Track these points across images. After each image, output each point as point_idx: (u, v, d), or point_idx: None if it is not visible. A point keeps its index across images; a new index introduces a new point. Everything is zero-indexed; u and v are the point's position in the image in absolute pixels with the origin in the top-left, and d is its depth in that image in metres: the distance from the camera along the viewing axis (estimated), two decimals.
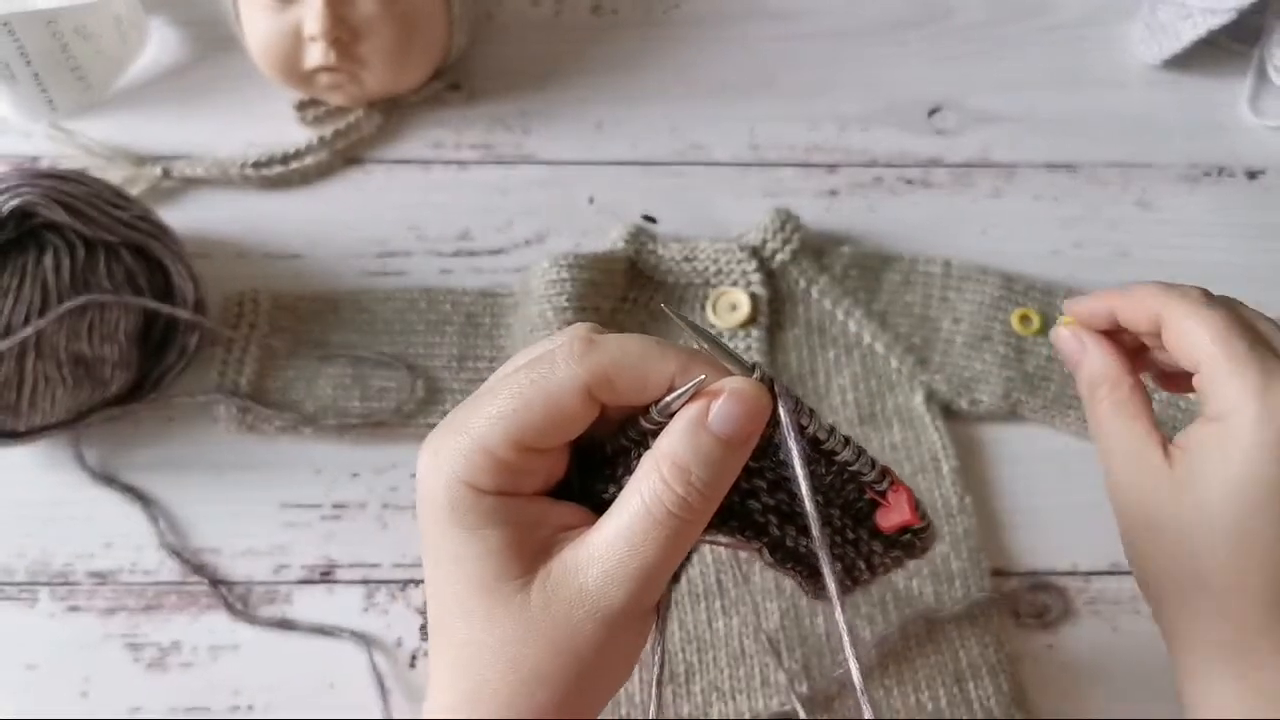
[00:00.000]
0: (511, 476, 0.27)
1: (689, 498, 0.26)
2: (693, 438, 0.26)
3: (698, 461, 0.26)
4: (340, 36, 0.55)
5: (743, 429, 0.26)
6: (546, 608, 0.27)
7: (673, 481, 0.26)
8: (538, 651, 0.27)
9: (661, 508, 0.26)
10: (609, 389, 0.27)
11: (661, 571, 0.27)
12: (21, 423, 0.48)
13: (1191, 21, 0.62)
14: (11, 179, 0.48)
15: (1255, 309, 0.36)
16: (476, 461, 0.27)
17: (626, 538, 0.26)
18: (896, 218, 0.59)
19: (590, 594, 0.27)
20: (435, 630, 0.29)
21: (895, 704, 0.46)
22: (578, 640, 0.27)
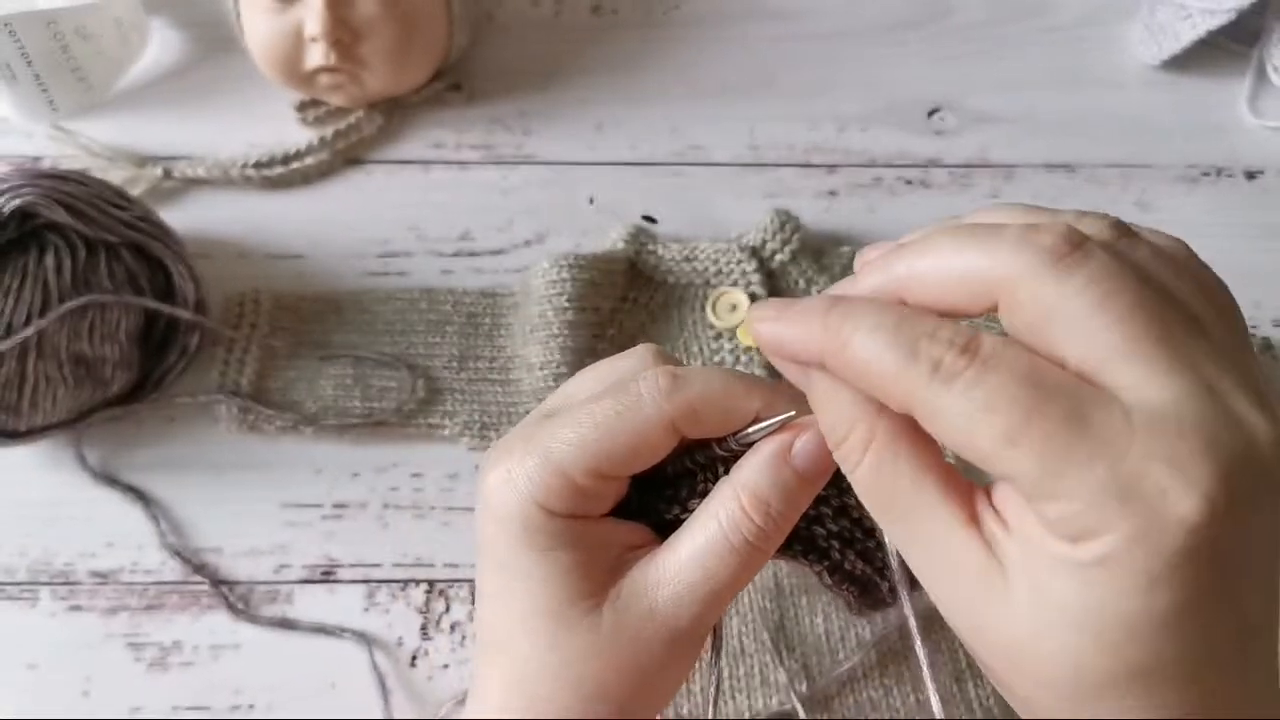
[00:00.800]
0: (584, 501, 0.28)
1: (766, 528, 0.27)
2: (775, 472, 0.27)
3: (777, 494, 0.27)
4: (341, 37, 0.55)
5: (824, 466, 0.27)
6: (615, 628, 0.27)
7: (752, 512, 0.27)
8: (603, 670, 0.28)
9: (740, 536, 0.27)
10: (693, 424, 0.28)
11: (729, 595, 0.28)
12: (23, 422, 0.48)
13: (1191, 22, 0.62)
14: (13, 179, 0.48)
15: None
16: (553, 485, 0.27)
17: (700, 562, 0.27)
18: (896, 218, 0.59)
19: (659, 614, 0.27)
20: (492, 647, 0.29)
21: (895, 703, 0.46)
22: (643, 659, 0.28)
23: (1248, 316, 0.59)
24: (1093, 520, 0.20)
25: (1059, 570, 0.20)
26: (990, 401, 0.21)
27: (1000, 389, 0.21)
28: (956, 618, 0.23)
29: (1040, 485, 0.20)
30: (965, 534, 0.22)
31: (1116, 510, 0.19)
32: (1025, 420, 0.20)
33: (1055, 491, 0.20)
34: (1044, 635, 0.21)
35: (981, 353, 0.21)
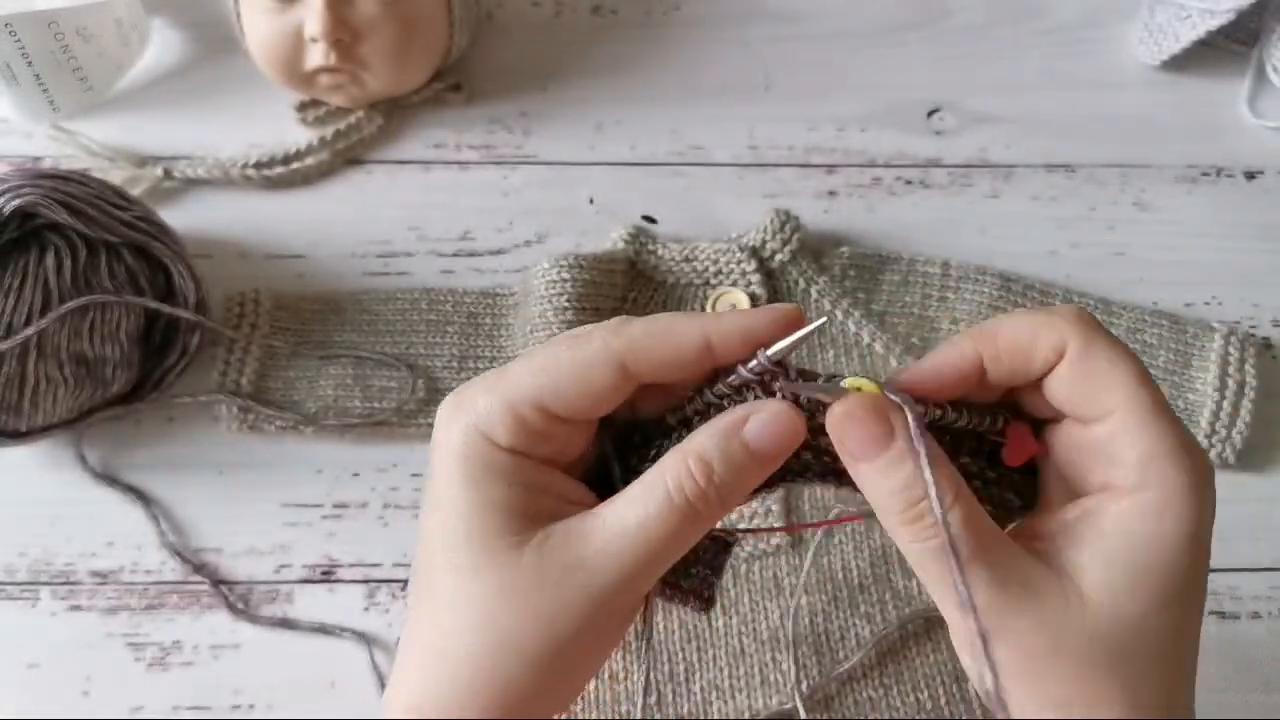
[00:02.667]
0: (528, 438, 0.27)
1: (707, 491, 0.27)
2: (725, 441, 0.27)
3: (723, 462, 0.27)
4: (341, 38, 0.55)
5: (772, 449, 0.27)
6: (536, 570, 0.27)
7: (696, 473, 0.27)
8: (516, 613, 0.27)
9: (681, 494, 0.27)
10: (643, 360, 0.27)
11: (660, 559, 0.27)
12: (23, 422, 0.48)
13: (1190, 22, 0.62)
14: (13, 179, 0.48)
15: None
16: (497, 415, 0.27)
17: (638, 517, 0.27)
18: (895, 218, 0.60)
19: (585, 565, 0.27)
20: (416, 579, 0.29)
21: (894, 703, 0.46)
22: (560, 611, 0.27)
23: (1247, 316, 0.60)
24: (1163, 471, 0.26)
25: (1129, 523, 0.26)
26: (1127, 348, 0.28)
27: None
28: (1031, 639, 0.26)
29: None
30: (1033, 560, 0.27)
31: (1181, 465, 0.26)
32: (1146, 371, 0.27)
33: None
34: (1117, 596, 0.26)
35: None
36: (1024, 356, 0.28)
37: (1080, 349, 0.27)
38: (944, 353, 0.28)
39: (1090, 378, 0.27)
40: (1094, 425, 0.27)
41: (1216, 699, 0.47)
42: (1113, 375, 0.27)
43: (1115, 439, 0.27)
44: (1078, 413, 0.28)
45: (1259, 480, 0.52)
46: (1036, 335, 0.27)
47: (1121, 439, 0.27)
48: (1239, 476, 0.52)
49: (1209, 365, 0.53)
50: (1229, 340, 0.53)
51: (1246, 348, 0.53)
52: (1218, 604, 0.49)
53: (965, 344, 0.28)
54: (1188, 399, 0.53)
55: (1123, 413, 0.27)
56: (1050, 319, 0.28)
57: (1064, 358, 0.27)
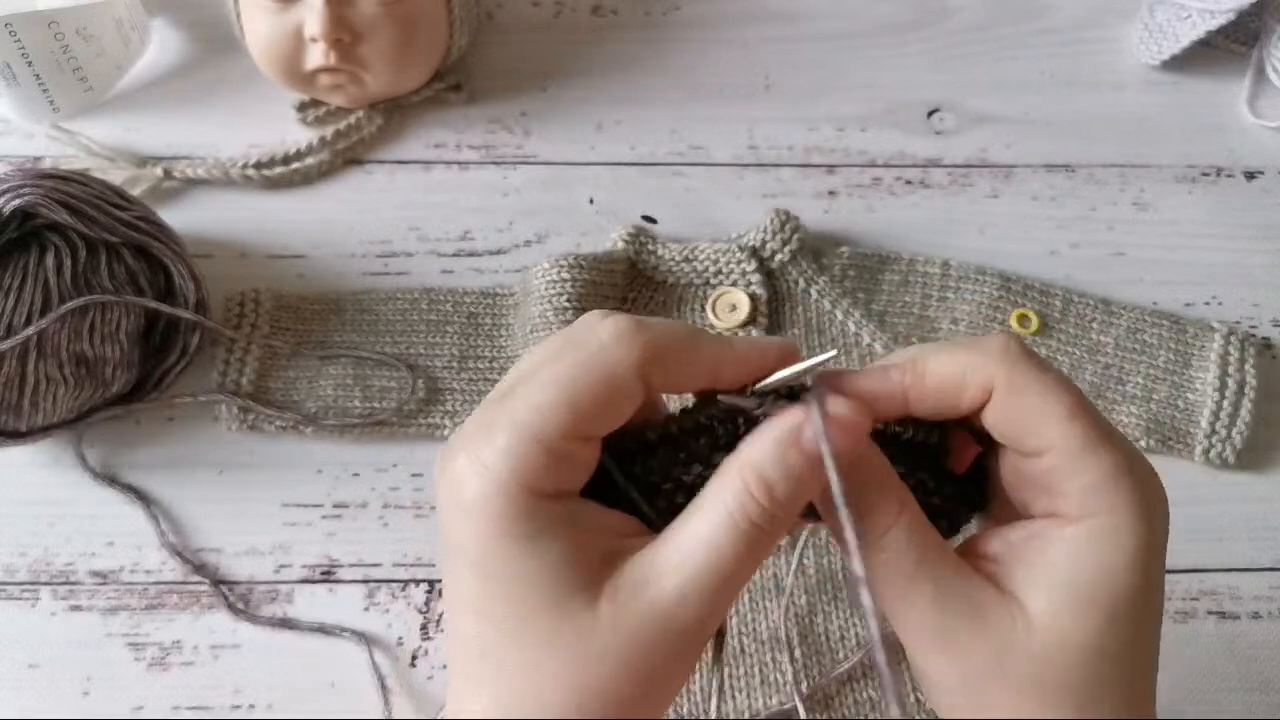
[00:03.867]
0: (564, 472, 0.25)
1: (773, 511, 0.25)
2: (782, 453, 0.25)
3: (783, 477, 0.25)
4: (341, 38, 0.55)
5: (844, 451, 0.25)
6: (616, 627, 0.25)
7: (759, 494, 0.25)
8: (607, 673, 0.25)
9: (746, 519, 0.25)
10: (660, 369, 0.26)
11: (737, 585, 0.26)
12: (23, 422, 0.48)
13: (1190, 23, 0.62)
14: (13, 179, 0.48)
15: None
16: (532, 458, 0.24)
17: (707, 547, 0.25)
18: (895, 218, 0.60)
19: (665, 608, 0.25)
20: (475, 662, 0.26)
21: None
22: (648, 660, 0.25)
23: (1247, 316, 0.60)
24: (1106, 498, 0.26)
25: (1075, 551, 0.26)
26: (1059, 378, 0.27)
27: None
28: (976, 658, 0.26)
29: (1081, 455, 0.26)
30: (981, 580, 0.27)
31: (1124, 489, 0.26)
32: (1081, 400, 0.27)
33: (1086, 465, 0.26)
34: (1064, 622, 0.26)
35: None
36: (951, 398, 0.27)
37: (1006, 387, 0.27)
38: (874, 379, 0.28)
39: (1021, 414, 0.27)
40: (1033, 458, 0.27)
41: (1216, 699, 0.47)
42: (1044, 410, 0.26)
43: (1055, 470, 0.26)
44: (1015, 447, 0.27)
45: (1259, 480, 0.52)
46: (963, 377, 0.27)
47: (1061, 472, 0.26)
48: (1239, 476, 0.52)
49: (1209, 365, 0.53)
50: (1229, 340, 0.53)
51: (1246, 348, 0.53)
52: (1218, 604, 0.49)
53: (894, 377, 0.27)
54: (1188, 399, 0.53)
55: (1061, 447, 0.26)
56: (977, 359, 0.27)
57: (992, 396, 0.27)
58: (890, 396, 0.27)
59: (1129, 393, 0.53)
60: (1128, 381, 0.53)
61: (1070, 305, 0.55)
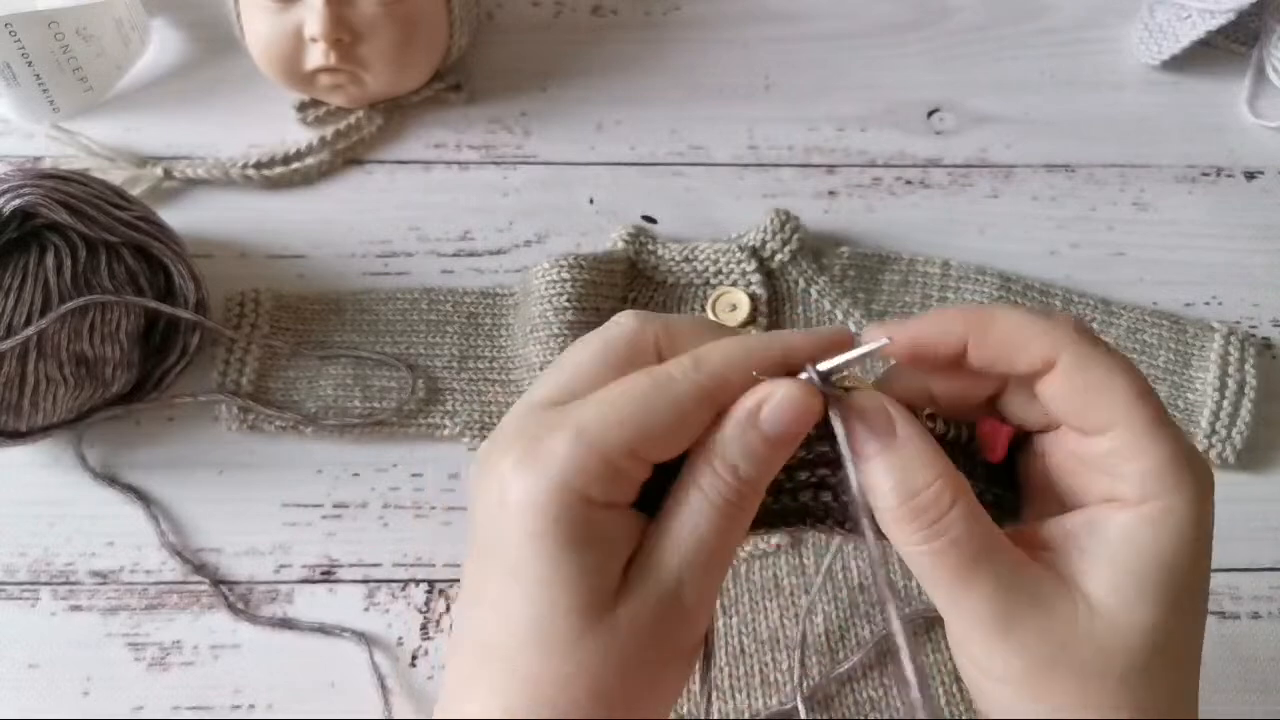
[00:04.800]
0: (620, 487, 0.26)
1: (741, 489, 0.27)
2: (742, 434, 0.26)
3: (745, 458, 0.26)
4: (341, 38, 0.55)
5: (791, 430, 0.27)
6: (633, 627, 0.26)
7: (724, 474, 0.26)
8: (626, 674, 0.26)
9: (719, 496, 0.26)
10: (727, 394, 0.27)
11: (724, 561, 0.27)
12: (23, 422, 0.48)
13: (1190, 23, 0.62)
14: (14, 179, 0.48)
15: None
16: (591, 469, 0.25)
17: (692, 530, 0.26)
18: (895, 218, 0.60)
19: (671, 595, 0.26)
20: (489, 659, 0.26)
21: (894, 703, 0.46)
22: (662, 651, 0.26)
23: (1247, 317, 0.60)
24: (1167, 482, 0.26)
25: (1135, 535, 0.26)
26: (1125, 360, 0.27)
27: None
28: (1041, 647, 0.26)
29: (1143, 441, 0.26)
30: (1039, 567, 0.27)
31: (1184, 474, 0.26)
32: (1146, 383, 0.27)
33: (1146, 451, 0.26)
34: (1126, 608, 0.26)
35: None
36: (1009, 356, 0.28)
37: (1074, 362, 0.27)
38: (930, 322, 0.28)
39: (1087, 391, 0.27)
40: (1093, 438, 0.27)
41: (1216, 699, 0.47)
42: (1111, 389, 0.27)
43: (1117, 453, 0.27)
44: (1076, 425, 0.28)
45: (1259, 480, 0.52)
46: (1029, 339, 0.27)
47: (1123, 453, 0.27)
48: (1239, 476, 0.52)
49: (1209, 365, 0.53)
50: (1229, 340, 0.53)
51: (1246, 348, 0.53)
52: (1218, 604, 0.49)
53: (954, 324, 0.28)
54: (1188, 399, 0.53)
55: (1123, 427, 0.26)
56: (1047, 326, 0.27)
57: (1056, 368, 0.27)
58: (949, 342, 0.28)
59: None
60: None
61: (1070, 305, 0.55)
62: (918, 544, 0.26)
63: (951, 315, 0.28)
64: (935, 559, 0.26)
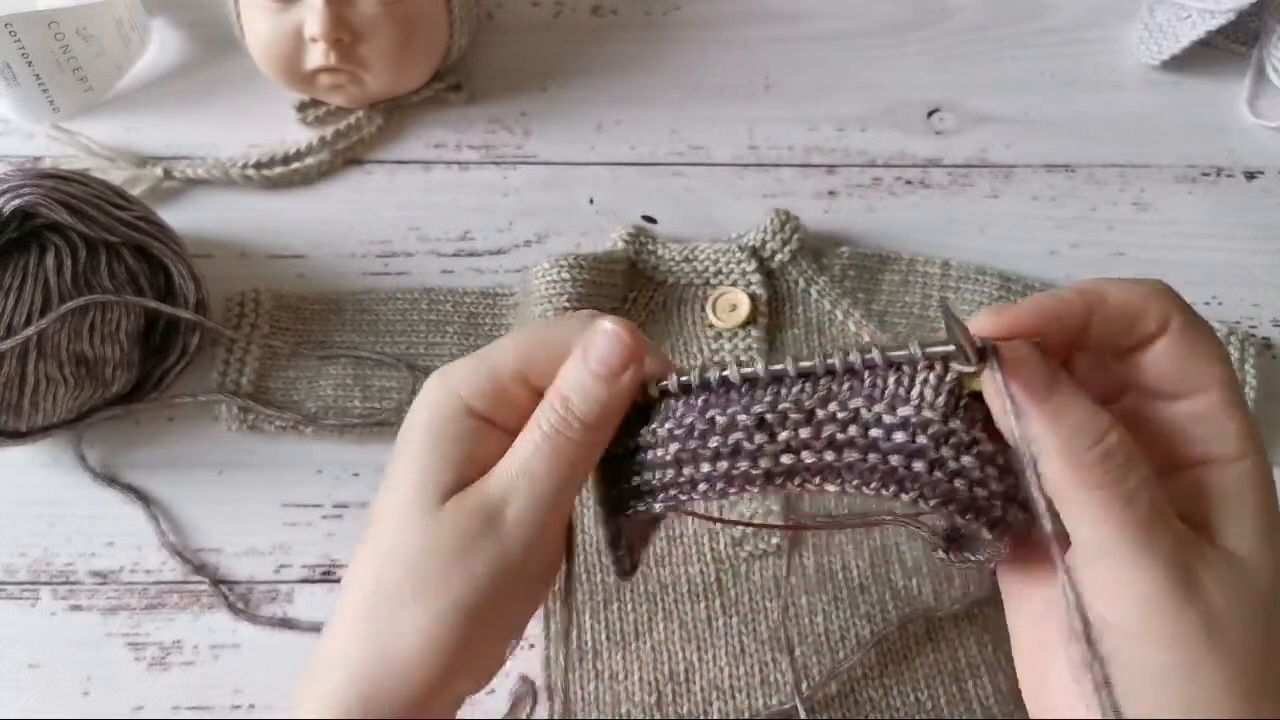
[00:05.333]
0: (504, 408, 0.30)
1: (568, 419, 0.29)
2: (576, 374, 0.30)
3: (578, 393, 0.29)
4: (341, 38, 0.55)
5: (614, 368, 0.29)
6: (453, 522, 0.29)
7: (557, 407, 0.29)
8: (437, 563, 0.29)
9: (551, 427, 0.29)
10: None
11: (549, 494, 0.29)
12: (23, 422, 0.48)
13: (1190, 23, 0.62)
14: (14, 179, 0.48)
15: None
16: (480, 384, 0.30)
17: (525, 456, 0.30)
18: (895, 218, 0.60)
19: (486, 513, 0.29)
20: (372, 521, 0.31)
21: (895, 703, 0.46)
22: (473, 558, 0.29)
23: (1247, 317, 0.60)
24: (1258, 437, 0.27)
25: (1249, 487, 0.27)
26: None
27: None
28: (1217, 600, 0.25)
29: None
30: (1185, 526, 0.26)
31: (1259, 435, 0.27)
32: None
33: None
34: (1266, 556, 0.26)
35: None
36: (1130, 325, 0.27)
37: (1184, 324, 0.27)
38: (1049, 300, 0.27)
39: (1193, 353, 0.27)
40: (1184, 400, 0.27)
41: None
42: (1212, 352, 0.27)
43: (1214, 412, 0.27)
44: (1173, 386, 0.27)
45: None
46: (1145, 306, 0.27)
47: (1223, 411, 0.27)
48: None
49: None
50: (1229, 340, 0.53)
51: (1246, 348, 0.53)
52: None
53: (1073, 298, 0.27)
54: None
55: (1219, 388, 0.27)
56: (1152, 290, 0.27)
57: (1166, 331, 0.27)
58: (1075, 322, 0.27)
59: None
60: None
61: None
62: (1112, 484, 0.25)
63: (1066, 293, 0.28)
64: (1125, 507, 0.25)
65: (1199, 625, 0.25)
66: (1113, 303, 0.27)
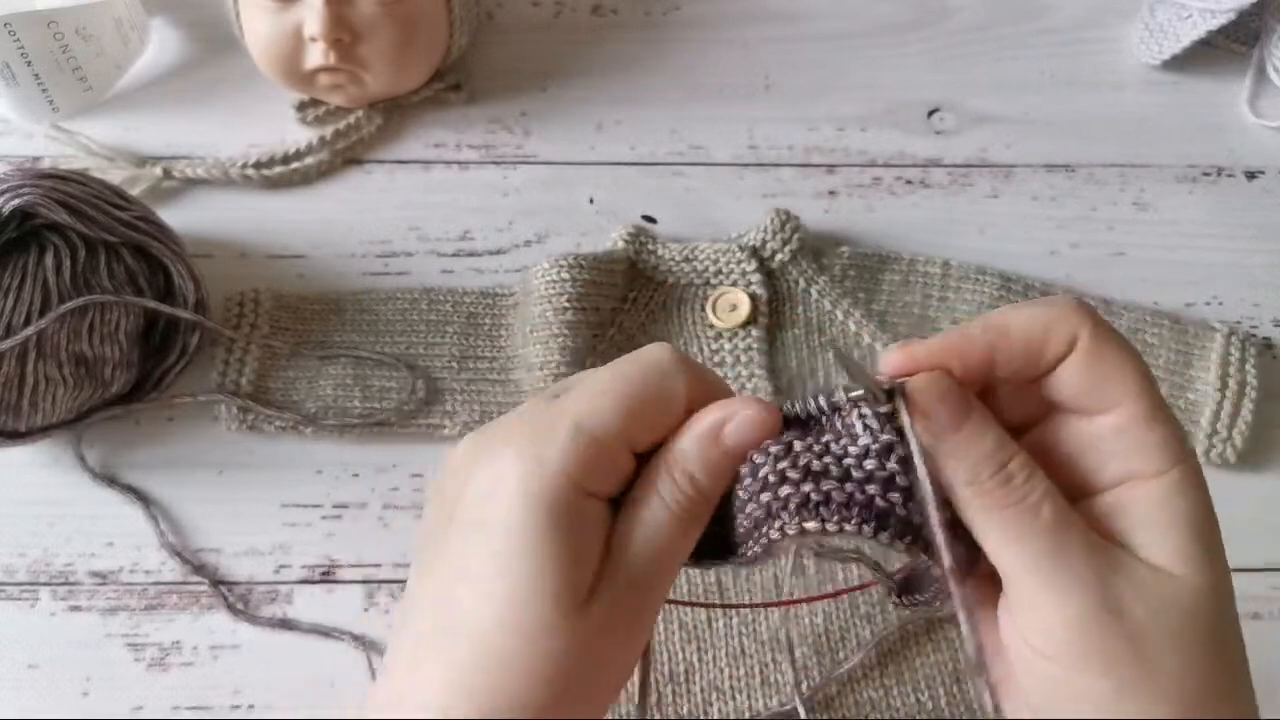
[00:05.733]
0: (609, 479, 0.27)
1: (696, 498, 0.27)
2: (704, 449, 0.27)
3: (704, 471, 0.27)
4: (341, 37, 0.55)
5: (748, 445, 0.27)
6: (604, 622, 0.26)
7: (683, 485, 0.27)
8: (589, 669, 0.26)
9: (677, 505, 0.27)
10: (701, 397, 0.28)
11: (677, 561, 0.28)
12: (23, 423, 0.48)
13: (1190, 22, 0.62)
14: (13, 179, 0.48)
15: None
16: (589, 458, 0.26)
17: (654, 536, 0.27)
18: (895, 218, 0.60)
19: (636, 596, 0.27)
20: (455, 631, 0.26)
21: (895, 703, 0.46)
22: (625, 649, 0.27)
23: (1247, 316, 0.60)
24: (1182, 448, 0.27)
25: (1172, 500, 0.26)
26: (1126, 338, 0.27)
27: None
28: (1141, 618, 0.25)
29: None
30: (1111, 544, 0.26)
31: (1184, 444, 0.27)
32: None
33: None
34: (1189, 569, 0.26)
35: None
36: (1037, 354, 0.27)
37: (1092, 340, 0.27)
38: (953, 336, 0.27)
39: (1105, 367, 0.27)
40: (1101, 416, 0.27)
41: None
42: (1124, 366, 0.27)
43: (1129, 428, 0.27)
44: (1086, 404, 0.27)
45: (1259, 480, 0.52)
46: (1049, 330, 0.27)
47: (1138, 427, 0.26)
48: (1239, 476, 0.52)
49: (1210, 365, 0.53)
50: (1229, 340, 0.53)
51: (1247, 348, 0.53)
52: None
53: (976, 334, 0.27)
54: (1188, 399, 0.53)
55: (1136, 402, 0.27)
56: (1058, 311, 0.27)
57: (1074, 350, 0.27)
58: (978, 359, 0.27)
59: None
60: None
61: None
62: (1015, 501, 0.25)
63: (970, 331, 0.27)
64: (1033, 513, 0.25)
65: (1124, 643, 0.25)
66: (1015, 335, 0.27)
